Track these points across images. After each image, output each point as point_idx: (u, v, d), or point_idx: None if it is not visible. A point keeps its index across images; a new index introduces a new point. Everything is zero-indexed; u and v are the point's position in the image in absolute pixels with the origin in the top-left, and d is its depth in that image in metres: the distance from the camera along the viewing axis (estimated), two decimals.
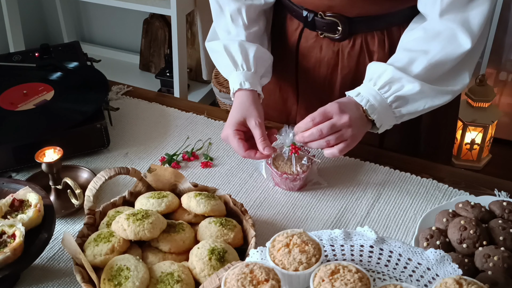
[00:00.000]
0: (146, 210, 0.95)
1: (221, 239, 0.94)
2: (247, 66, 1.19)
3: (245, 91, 1.16)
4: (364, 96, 1.07)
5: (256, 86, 1.17)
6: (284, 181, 1.13)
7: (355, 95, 1.08)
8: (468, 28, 1.04)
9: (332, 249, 0.82)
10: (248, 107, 1.14)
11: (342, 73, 1.24)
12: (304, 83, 1.32)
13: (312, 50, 1.25)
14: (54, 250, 1.03)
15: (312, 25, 1.21)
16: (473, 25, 1.04)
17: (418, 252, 0.80)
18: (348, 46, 1.20)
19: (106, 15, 3.38)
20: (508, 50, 2.64)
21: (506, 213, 0.98)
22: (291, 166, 1.12)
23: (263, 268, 0.75)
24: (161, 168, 1.06)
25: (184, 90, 2.88)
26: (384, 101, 1.06)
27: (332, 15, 1.17)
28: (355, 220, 1.09)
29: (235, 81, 1.18)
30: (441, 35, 1.06)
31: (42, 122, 1.25)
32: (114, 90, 1.49)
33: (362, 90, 1.08)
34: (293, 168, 1.12)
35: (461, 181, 1.17)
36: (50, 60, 1.46)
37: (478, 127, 2.53)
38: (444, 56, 1.06)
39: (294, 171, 1.11)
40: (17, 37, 3.03)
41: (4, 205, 0.98)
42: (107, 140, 1.27)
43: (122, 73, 3.08)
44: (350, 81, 1.24)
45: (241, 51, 1.20)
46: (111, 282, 0.85)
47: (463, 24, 1.04)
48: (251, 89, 1.16)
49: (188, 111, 1.42)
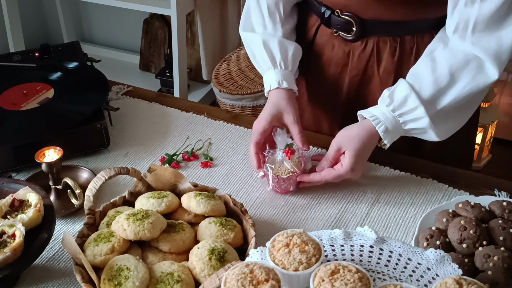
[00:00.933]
0: (146, 210, 0.95)
1: (221, 239, 0.94)
2: (285, 65, 1.21)
3: (282, 89, 1.19)
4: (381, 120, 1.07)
5: (293, 85, 1.20)
6: (279, 183, 1.13)
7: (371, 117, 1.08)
8: (497, 58, 1.04)
9: (332, 249, 0.82)
10: (287, 104, 1.17)
11: (350, 74, 1.24)
12: (313, 80, 1.33)
13: (325, 48, 1.26)
14: (54, 250, 1.03)
15: (328, 23, 1.22)
16: (502, 55, 1.04)
17: (418, 252, 0.80)
18: (360, 48, 1.21)
19: (106, 15, 3.38)
20: None
21: (506, 213, 0.98)
22: (286, 169, 1.12)
23: (263, 268, 0.75)
24: (161, 168, 1.06)
25: (184, 90, 2.88)
26: (400, 125, 1.08)
27: (348, 14, 1.17)
28: (355, 220, 1.09)
29: (273, 79, 1.20)
30: (470, 64, 1.05)
31: (42, 122, 1.25)
32: (114, 90, 1.49)
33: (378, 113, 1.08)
34: (288, 169, 1.12)
35: (461, 181, 1.17)
36: (50, 60, 1.46)
37: (478, 127, 2.53)
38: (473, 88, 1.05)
39: (288, 173, 1.12)
40: (17, 37, 3.03)
41: (4, 205, 0.98)
42: (107, 140, 1.27)
43: (122, 73, 3.08)
44: (357, 83, 1.25)
45: (280, 49, 1.22)
46: (111, 282, 0.85)
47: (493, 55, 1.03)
48: (288, 88, 1.19)
49: (188, 111, 1.42)
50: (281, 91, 1.18)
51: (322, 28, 1.26)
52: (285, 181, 1.12)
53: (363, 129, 1.08)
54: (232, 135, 1.33)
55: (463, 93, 1.05)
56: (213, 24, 2.89)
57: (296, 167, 1.12)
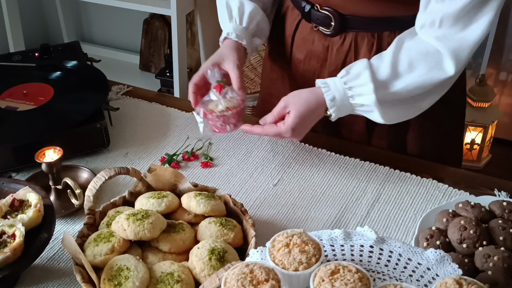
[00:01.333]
0: (146, 210, 0.95)
1: (221, 239, 0.94)
2: (240, 20, 1.26)
3: (230, 40, 1.24)
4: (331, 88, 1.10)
5: (243, 40, 1.24)
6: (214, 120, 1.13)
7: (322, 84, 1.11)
8: (457, 55, 1.05)
9: (332, 249, 0.82)
10: (230, 51, 1.21)
11: (329, 69, 1.26)
12: (295, 75, 1.35)
13: (305, 42, 1.28)
14: (54, 250, 1.03)
15: (308, 17, 1.24)
16: (462, 52, 1.05)
17: (418, 252, 0.80)
18: (338, 43, 1.22)
19: (106, 15, 3.38)
20: (508, 50, 2.64)
21: (506, 213, 0.98)
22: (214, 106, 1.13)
23: (263, 268, 0.75)
24: (161, 168, 1.06)
25: (184, 90, 2.88)
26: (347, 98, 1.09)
27: (327, 9, 1.19)
28: (355, 220, 1.09)
29: (224, 31, 1.26)
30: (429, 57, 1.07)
31: (42, 122, 1.25)
32: (114, 90, 1.49)
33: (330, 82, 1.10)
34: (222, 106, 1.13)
35: (461, 181, 1.17)
36: (50, 60, 1.46)
37: (478, 127, 2.53)
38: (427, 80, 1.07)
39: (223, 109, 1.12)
40: (17, 37, 3.03)
41: (4, 205, 0.98)
42: (107, 140, 1.27)
43: (122, 73, 3.08)
44: None
45: (239, 6, 1.26)
46: (111, 282, 0.85)
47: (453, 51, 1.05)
48: (236, 40, 1.23)
49: (188, 111, 1.42)
50: (228, 41, 1.24)
51: (302, 22, 1.28)
52: (219, 117, 1.13)
53: (312, 94, 1.11)
54: (232, 135, 1.32)
55: (417, 83, 1.07)
56: (213, 24, 2.89)
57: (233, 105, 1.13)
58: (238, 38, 1.23)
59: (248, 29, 1.26)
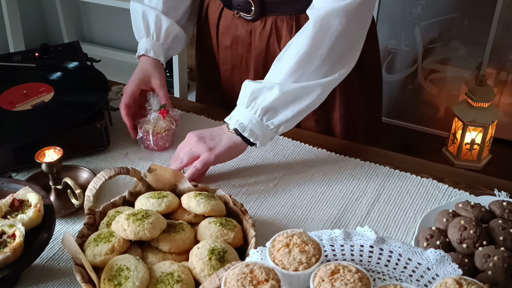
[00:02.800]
0: (146, 210, 0.95)
1: (221, 239, 0.94)
2: (157, 37, 1.34)
3: (149, 57, 1.32)
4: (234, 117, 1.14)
5: (160, 56, 1.33)
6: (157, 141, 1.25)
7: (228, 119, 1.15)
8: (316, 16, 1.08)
9: (332, 249, 0.82)
10: (153, 70, 1.30)
11: (254, 52, 1.32)
12: (225, 61, 1.41)
13: (230, 29, 1.34)
14: (54, 250, 1.03)
15: (229, 4, 1.31)
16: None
17: (418, 252, 0.80)
18: (260, 27, 1.29)
19: (106, 15, 3.38)
20: (508, 50, 2.64)
21: (506, 213, 0.98)
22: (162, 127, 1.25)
23: (263, 268, 0.75)
24: (161, 168, 1.06)
25: (184, 90, 2.88)
26: (254, 118, 1.11)
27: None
28: (355, 220, 1.09)
29: (142, 46, 1.34)
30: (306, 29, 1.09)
31: (42, 122, 1.25)
32: (114, 90, 1.49)
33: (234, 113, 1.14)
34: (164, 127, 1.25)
35: (461, 181, 1.17)
36: (50, 60, 1.46)
37: (478, 127, 2.53)
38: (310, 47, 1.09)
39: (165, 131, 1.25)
40: (17, 37, 3.03)
41: (4, 205, 0.98)
42: (107, 140, 1.27)
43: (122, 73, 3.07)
44: (262, 61, 1.34)
45: (156, 21, 1.33)
46: (111, 282, 0.85)
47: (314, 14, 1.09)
48: (154, 58, 1.32)
49: (188, 111, 1.42)
50: (148, 59, 1.32)
51: (225, 11, 1.34)
52: (163, 138, 1.25)
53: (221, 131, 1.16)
54: None
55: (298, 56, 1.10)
56: None
57: (170, 125, 1.26)
58: (156, 55, 1.32)
59: (164, 45, 1.34)
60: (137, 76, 1.30)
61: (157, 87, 1.29)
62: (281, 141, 1.30)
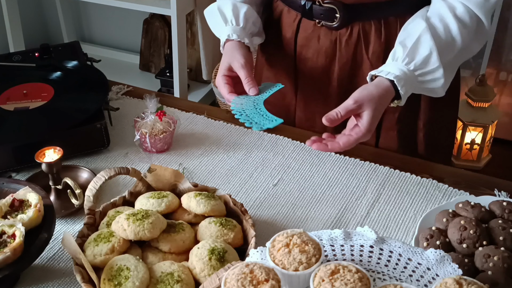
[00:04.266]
0: (146, 210, 0.95)
1: (221, 239, 0.94)
2: (236, 22, 1.24)
3: (232, 41, 1.22)
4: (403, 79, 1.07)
5: (244, 39, 1.22)
6: (155, 143, 1.24)
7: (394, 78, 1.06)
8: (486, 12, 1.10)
9: (332, 249, 0.82)
10: (234, 52, 1.19)
11: (340, 62, 1.24)
12: (302, 76, 1.33)
13: (310, 40, 1.26)
14: (54, 250, 1.03)
15: (310, 14, 1.23)
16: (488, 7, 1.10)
17: (418, 252, 0.80)
18: (346, 35, 1.21)
19: (106, 15, 3.38)
20: (508, 50, 2.64)
21: (506, 213, 0.98)
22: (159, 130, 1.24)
23: (263, 268, 0.75)
24: (161, 168, 1.06)
25: (184, 90, 2.88)
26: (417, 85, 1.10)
27: (330, 1, 1.18)
28: (355, 220, 1.09)
29: (224, 35, 1.23)
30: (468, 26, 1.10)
31: (42, 122, 1.25)
32: (114, 90, 1.49)
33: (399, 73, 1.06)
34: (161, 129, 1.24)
35: (461, 181, 1.17)
36: (50, 60, 1.46)
37: (478, 127, 2.53)
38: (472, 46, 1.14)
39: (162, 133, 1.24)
40: (17, 37, 3.03)
41: (4, 205, 0.98)
42: (107, 140, 1.27)
43: (122, 73, 3.07)
44: (347, 71, 1.25)
45: (232, 8, 1.25)
46: (111, 282, 0.85)
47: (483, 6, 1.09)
48: (238, 40, 1.21)
49: (188, 111, 1.42)
50: (231, 43, 1.22)
51: (304, 21, 1.26)
52: (161, 140, 1.24)
53: (383, 90, 1.05)
54: (232, 135, 1.33)
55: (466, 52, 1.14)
56: None
57: (168, 126, 1.25)
58: (239, 38, 1.21)
59: (246, 29, 1.25)
60: (222, 66, 1.19)
61: (238, 68, 1.16)
62: (281, 141, 1.30)
